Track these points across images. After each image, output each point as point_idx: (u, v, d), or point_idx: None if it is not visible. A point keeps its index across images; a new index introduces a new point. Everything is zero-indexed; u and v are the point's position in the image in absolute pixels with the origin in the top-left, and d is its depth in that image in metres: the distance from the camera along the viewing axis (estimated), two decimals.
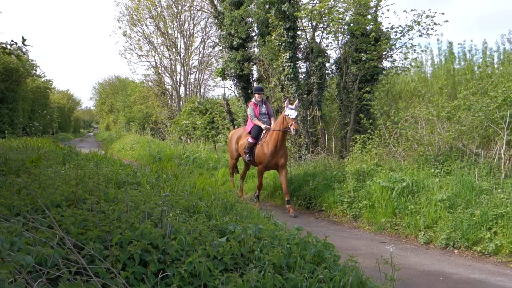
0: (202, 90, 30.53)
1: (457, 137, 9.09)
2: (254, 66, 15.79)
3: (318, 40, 13.82)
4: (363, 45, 12.63)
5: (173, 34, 28.94)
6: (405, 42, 12.81)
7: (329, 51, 13.81)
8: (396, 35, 12.72)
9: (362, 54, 12.85)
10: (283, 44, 12.74)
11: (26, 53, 23.57)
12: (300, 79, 13.18)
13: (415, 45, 13.29)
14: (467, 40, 36.86)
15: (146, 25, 28.71)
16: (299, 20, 13.09)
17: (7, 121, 25.52)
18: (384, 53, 13.06)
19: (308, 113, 12.75)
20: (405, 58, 13.23)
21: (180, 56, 29.19)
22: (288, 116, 8.92)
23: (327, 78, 13.72)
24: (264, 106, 10.07)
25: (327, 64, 13.59)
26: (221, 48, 17.04)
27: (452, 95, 13.05)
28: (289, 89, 12.81)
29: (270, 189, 11.07)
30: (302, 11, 12.48)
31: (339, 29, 13.30)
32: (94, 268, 2.56)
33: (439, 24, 11.94)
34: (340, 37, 13.65)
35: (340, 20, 12.92)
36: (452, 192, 7.51)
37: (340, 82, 13.46)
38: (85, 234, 2.93)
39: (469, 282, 5.42)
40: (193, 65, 29.93)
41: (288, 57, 12.68)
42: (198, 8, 26.70)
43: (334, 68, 14.00)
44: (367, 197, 8.56)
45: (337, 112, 14.14)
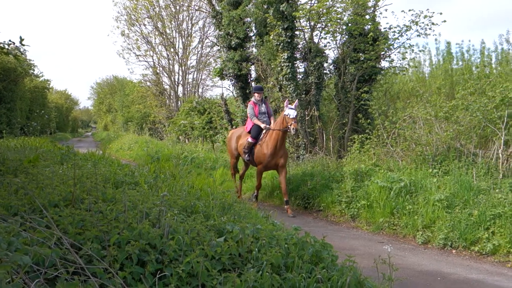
0: (200, 90, 30.56)
1: (455, 137, 9.10)
2: (252, 66, 15.79)
3: (316, 40, 13.83)
4: (361, 45, 12.65)
5: (171, 34, 28.97)
6: (403, 42, 12.84)
7: (327, 51, 13.84)
8: (394, 35, 12.73)
9: (360, 54, 12.85)
10: (281, 44, 12.74)
11: (24, 53, 23.46)
12: (298, 79, 13.18)
13: (413, 45, 13.30)
14: (465, 41, 36.89)
15: (144, 25, 28.76)
16: (297, 20, 13.09)
17: (5, 121, 25.46)
18: (382, 53, 13.07)
19: (306, 113, 12.75)
20: (403, 58, 13.25)
21: (178, 56, 29.20)
22: (288, 116, 8.89)
23: (325, 78, 13.72)
24: (264, 106, 10.02)
25: (325, 64, 13.58)
26: (219, 48, 17.04)
27: (450, 95, 13.07)
28: (287, 89, 12.80)
29: (268, 189, 11.07)
30: (300, 11, 12.48)
31: (337, 29, 13.31)
32: (92, 268, 2.56)
33: (437, 24, 11.97)
34: (338, 37, 13.67)
35: (338, 20, 12.93)
36: (450, 192, 7.52)
37: (338, 82, 13.47)
38: (83, 234, 2.93)
39: (467, 282, 5.43)
40: (191, 65, 29.97)
41: (286, 57, 12.68)
42: (196, 8, 26.73)
43: (332, 68, 14.00)
44: (365, 197, 8.56)
45: (335, 112, 14.14)
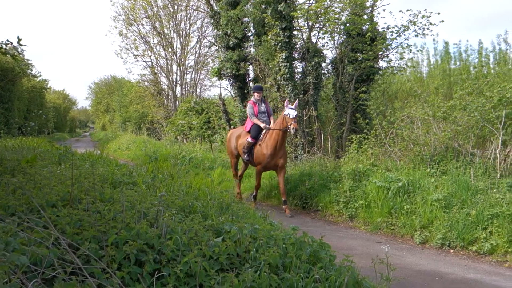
0: (198, 90, 30.53)
1: (453, 137, 9.12)
2: (250, 66, 15.79)
3: (314, 40, 13.84)
4: (359, 45, 12.65)
5: (169, 34, 28.94)
6: (401, 42, 12.86)
7: (325, 51, 13.91)
8: (392, 35, 12.75)
9: (358, 54, 12.86)
10: (279, 44, 12.74)
11: (22, 53, 23.36)
12: (296, 79, 13.18)
13: (411, 45, 13.31)
14: (463, 41, 36.94)
15: (142, 25, 28.72)
16: (295, 20, 13.10)
17: (3, 121, 25.39)
18: (380, 53, 13.08)
19: (304, 113, 12.76)
20: (401, 58, 13.26)
21: (176, 56, 29.17)
22: (288, 116, 8.84)
23: (323, 78, 13.73)
24: (264, 105, 9.98)
25: (323, 64, 13.59)
26: (217, 48, 17.05)
27: (448, 95, 13.08)
28: (285, 89, 12.81)
29: (266, 189, 11.06)
30: (298, 11, 12.49)
31: (335, 29, 13.31)
32: (90, 268, 2.56)
33: (435, 24, 11.99)
34: (336, 37, 13.68)
35: (336, 20, 12.93)
36: (448, 192, 7.54)
37: (336, 82, 13.48)
38: (81, 234, 2.92)
39: (465, 282, 5.44)
40: (189, 65, 29.96)
41: (284, 57, 12.69)
42: (194, 8, 26.71)
43: (330, 68, 14.01)
44: (363, 197, 8.57)
45: (333, 112, 14.14)
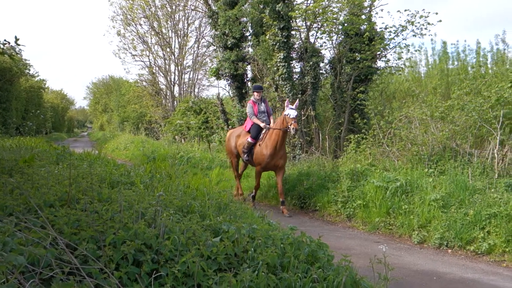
0: (196, 90, 30.50)
1: (451, 137, 9.13)
2: (248, 66, 15.80)
3: (312, 40, 13.86)
4: (357, 45, 12.66)
5: (167, 34, 28.90)
6: (399, 42, 12.89)
7: (323, 51, 13.89)
8: (390, 35, 12.78)
9: (356, 54, 12.87)
10: (277, 44, 12.74)
11: (19, 53, 23.44)
12: (294, 79, 13.19)
13: (409, 45, 13.38)
14: (461, 41, 36.96)
15: (140, 25, 28.69)
16: (293, 20, 13.11)
17: (1, 121, 25.38)
18: (378, 53, 13.10)
19: (302, 113, 12.76)
20: (399, 58, 13.30)
21: (174, 56, 29.15)
22: (288, 116, 8.82)
23: (321, 78, 13.75)
24: (263, 105, 9.94)
25: (321, 64, 13.61)
26: (215, 48, 17.04)
27: (446, 95, 13.11)
28: (283, 89, 12.81)
29: (264, 189, 11.05)
30: (296, 11, 12.50)
31: (333, 29, 13.33)
32: (87, 268, 2.56)
33: (433, 24, 12.02)
34: (334, 37, 13.69)
35: (334, 20, 12.95)
36: (446, 192, 7.54)
37: (334, 82, 13.49)
38: (78, 234, 2.92)
39: (463, 282, 5.44)
40: (187, 65, 29.92)
41: (282, 57, 12.69)
42: (192, 8, 26.71)
43: (328, 68, 14.03)
44: (361, 197, 8.58)
45: (331, 112, 14.16)
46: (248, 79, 16.09)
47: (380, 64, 13.63)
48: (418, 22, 12.03)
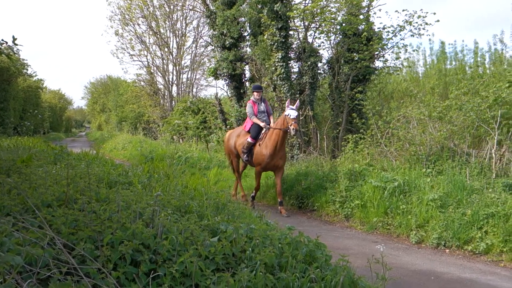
0: (195, 90, 30.48)
1: (449, 137, 9.14)
2: (247, 66, 15.80)
3: (311, 40, 13.84)
4: (355, 45, 12.68)
5: (165, 34, 28.87)
6: (397, 42, 12.91)
7: (321, 51, 13.85)
8: (388, 35, 12.79)
9: (354, 54, 12.89)
10: (276, 44, 12.74)
11: (17, 52, 23.35)
12: (293, 79, 13.19)
13: (407, 45, 13.36)
14: (459, 41, 37.01)
15: (138, 25, 28.65)
16: (292, 20, 13.10)
17: None
18: (376, 53, 13.12)
19: (300, 113, 12.76)
20: (397, 58, 13.31)
21: (173, 56, 29.13)
22: (289, 116, 8.79)
23: (319, 78, 13.73)
24: (263, 104, 9.91)
25: (319, 64, 13.59)
26: (214, 48, 17.04)
27: (444, 95, 13.12)
28: (282, 89, 12.81)
29: (263, 189, 11.02)
30: (295, 11, 12.49)
31: (331, 29, 13.33)
32: (85, 268, 2.55)
33: (431, 24, 12.05)
34: (332, 37, 13.69)
35: (332, 20, 12.96)
36: (444, 192, 7.55)
37: (332, 82, 13.49)
38: (76, 234, 2.92)
39: (460, 281, 5.45)
40: (186, 65, 29.89)
41: (281, 57, 12.69)
42: (191, 8, 26.64)
43: (326, 68, 14.02)
44: (359, 197, 8.58)
45: (329, 112, 14.15)
46: (246, 79, 16.10)
47: (378, 64, 13.66)
48: (416, 22, 12.07)
